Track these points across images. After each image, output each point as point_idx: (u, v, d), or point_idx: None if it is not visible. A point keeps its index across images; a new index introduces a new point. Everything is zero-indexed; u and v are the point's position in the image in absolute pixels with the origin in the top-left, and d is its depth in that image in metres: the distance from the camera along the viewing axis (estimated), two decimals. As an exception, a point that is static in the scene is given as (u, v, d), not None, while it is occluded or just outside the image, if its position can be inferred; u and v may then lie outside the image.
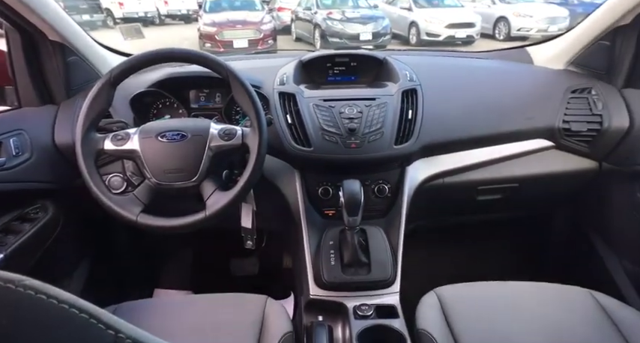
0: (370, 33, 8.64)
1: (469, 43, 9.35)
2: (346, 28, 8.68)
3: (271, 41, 8.30)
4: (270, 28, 8.41)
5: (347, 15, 9.07)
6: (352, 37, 8.61)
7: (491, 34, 10.17)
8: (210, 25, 8.05)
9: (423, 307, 0.97)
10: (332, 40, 8.62)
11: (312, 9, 9.57)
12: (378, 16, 9.09)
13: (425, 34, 9.33)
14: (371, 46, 8.73)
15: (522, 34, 9.57)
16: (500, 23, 10.06)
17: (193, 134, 0.90)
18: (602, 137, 1.13)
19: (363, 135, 1.01)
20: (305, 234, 1.05)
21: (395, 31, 9.43)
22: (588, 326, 0.89)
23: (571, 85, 1.17)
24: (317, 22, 9.09)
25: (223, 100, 1.17)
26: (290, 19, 11.19)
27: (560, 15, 9.67)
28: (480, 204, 1.24)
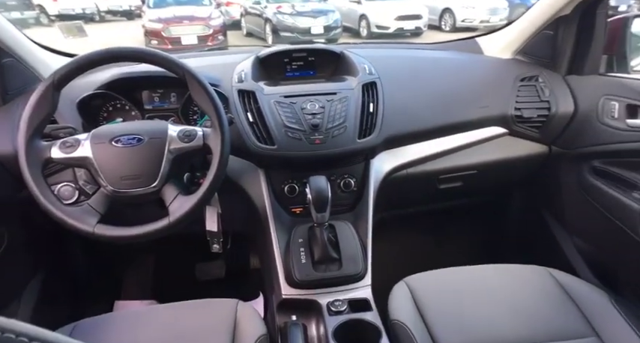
0: (321, 26, 8.65)
1: (418, 35, 9.60)
2: (297, 22, 8.64)
3: (221, 37, 8.08)
4: (220, 24, 8.18)
5: (297, 9, 9.01)
6: (304, 30, 8.58)
7: (437, 26, 10.48)
8: (155, 22, 7.71)
9: (394, 297, 0.99)
10: (284, 35, 8.54)
11: (262, 3, 9.43)
12: (328, 10, 9.12)
13: (375, 27, 9.47)
14: (323, 39, 8.74)
15: (467, 25, 9.94)
16: (446, 15, 10.40)
17: (151, 137, 0.86)
18: (550, 122, 1.19)
19: (327, 131, 1.01)
20: (273, 233, 1.03)
21: (345, 24, 9.50)
22: (548, 302, 0.95)
23: (520, 74, 1.23)
24: (267, 17, 8.97)
25: (179, 100, 1.13)
26: (239, 14, 10.98)
27: (500, 6, 10.14)
28: (442, 193, 1.27)
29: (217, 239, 1.06)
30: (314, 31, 8.63)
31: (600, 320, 0.89)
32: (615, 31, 1.14)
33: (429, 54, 1.36)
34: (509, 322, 0.90)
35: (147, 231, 0.84)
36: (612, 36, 1.15)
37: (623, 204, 1.05)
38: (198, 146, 0.88)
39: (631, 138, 1.03)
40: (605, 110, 1.10)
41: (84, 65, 0.84)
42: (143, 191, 0.85)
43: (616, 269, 1.15)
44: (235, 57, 1.22)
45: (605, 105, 1.10)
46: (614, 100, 1.07)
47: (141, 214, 0.90)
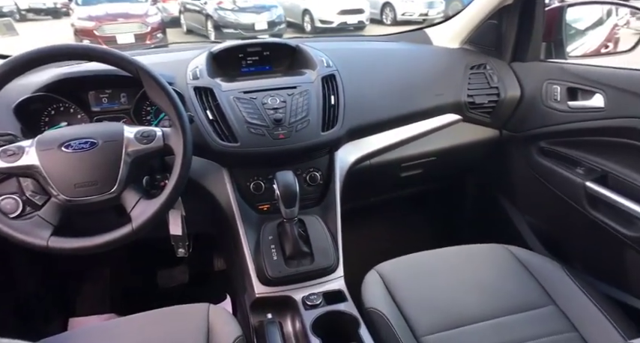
0: (265, 22, 8.55)
1: (361, 29, 9.74)
2: (240, 18, 8.47)
3: (160, 35, 7.74)
4: (158, 21, 7.84)
5: (239, 4, 8.83)
6: (247, 27, 8.43)
7: (379, 20, 10.71)
8: (86, 20, 7.26)
9: (367, 286, 1.00)
10: (227, 31, 8.34)
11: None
12: (271, 5, 9.01)
13: (319, 21, 9.49)
14: (267, 35, 8.65)
15: (407, 19, 10.24)
16: (387, 8, 10.64)
17: (105, 140, 0.81)
18: (500, 107, 1.25)
19: (290, 125, 1.00)
20: (242, 232, 1.00)
21: (289, 19, 9.45)
22: (509, 277, 1.00)
23: (469, 62, 1.28)
24: (208, 13, 8.71)
25: (131, 100, 1.06)
26: (178, 11, 10.58)
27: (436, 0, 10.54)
28: (404, 180, 1.30)
29: (182, 243, 1.02)
30: (258, 27, 8.51)
31: (556, 289, 0.96)
32: (552, 19, 1.22)
33: (382, 45, 1.38)
34: (475, 300, 0.95)
35: (109, 240, 0.79)
36: (550, 24, 1.23)
37: (569, 180, 1.13)
38: (159, 147, 0.84)
39: (573, 119, 1.11)
40: (548, 94, 1.17)
41: (25, 65, 0.77)
42: (101, 198, 0.80)
43: (565, 241, 1.24)
44: (186, 54, 1.17)
45: (548, 89, 1.17)
46: (556, 84, 1.15)
47: (96, 223, 0.85)
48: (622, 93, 0.99)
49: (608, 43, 1.37)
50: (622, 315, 0.89)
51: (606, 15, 1.35)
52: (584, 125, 1.08)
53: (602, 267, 1.11)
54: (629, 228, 0.99)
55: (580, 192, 1.09)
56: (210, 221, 1.26)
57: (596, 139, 1.07)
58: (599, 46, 1.36)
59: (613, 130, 1.01)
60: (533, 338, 0.86)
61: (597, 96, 1.05)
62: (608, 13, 1.34)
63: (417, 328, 0.89)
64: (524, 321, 0.90)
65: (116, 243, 0.79)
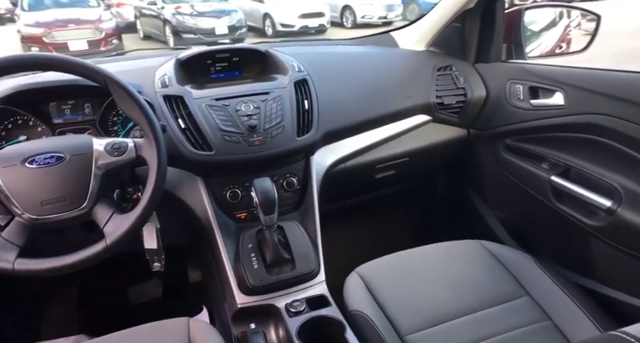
0: (226, 27, 8.44)
1: (322, 32, 9.83)
2: (200, 23, 8.33)
3: (116, 41, 7.46)
4: (112, 26, 7.55)
5: (197, 9, 8.68)
6: (207, 31, 8.30)
7: (339, 23, 10.84)
8: (33, 26, 6.88)
9: (349, 289, 1.01)
10: (186, 37, 8.18)
11: (158, 4, 8.91)
12: (231, 10, 8.92)
13: (280, 25, 9.50)
14: (228, 40, 8.54)
15: (366, 21, 10.43)
16: (346, 12, 10.80)
17: (73, 154, 0.77)
18: (467, 107, 1.29)
19: (265, 131, 0.98)
20: (220, 242, 0.98)
21: (250, 23, 9.38)
22: (484, 271, 1.03)
23: (436, 64, 1.31)
24: (166, 18, 8.51)
25: (96, 111, 1.02)
26: (133, 16, 10.28)
27: (394, 2, 10.80)
28: (379, 181, 1.32)
29: (158, 256, 0.98)
30: (218, 31, 8.40)
31: (528, 280, 1.00)
32: (511, 22, 1.28)
33: (350, 49, 1.39)
34: (454, 296, 0.97)
35: (82, 258, 0.75)
36: (509, 26, 1.28)
37: (535, 175, 1.18)
38: (131, 159, 0.81)
39: (536, 117, 1.16)
40: (511, 93, 1.22)
41: None
42: (70, 214, 0.76)
43: (534, 234, 1.29)
44: (152, 61, 1.14)
45: (511, 88, 1.22)
46: (519, 84, 1.20)
47: (64, 241, 0.81)
48: (580, 91, 1.04)
49: (561, 43, 1.45)
50: (590, 301, 0.94)
51: (559, 17, 1.42)
52: (547, 122, 1.13)
53: (569, 257, 1.17)
54: (592, 218, 1.05)
55: (546, 186, 1.15)
56: (184, 232, 1.22)
57: (558, 135, 1.12)
58: (554, 47, 1.43)
59: (573, 126, 1.07)
60: (511, 329, 0.89)
61: (557, 95, 1.10)
62: (560, 15, 1.41)
63: (401, 328, 0.90)
64: (501, 314, 0.93)
65: (90, 261, 0.76)
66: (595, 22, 1.26)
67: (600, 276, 1.08)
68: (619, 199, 0.97)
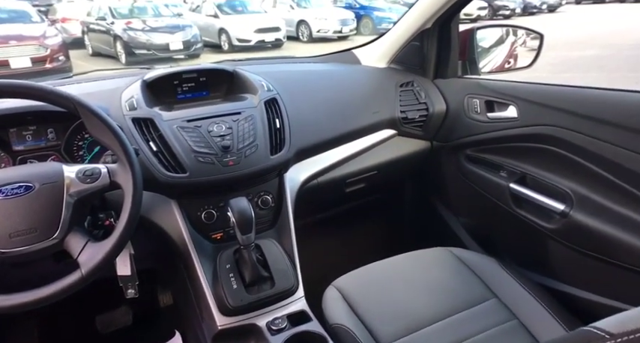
0: (180, 42, 8.34)
1: (278, 47, 9.92)
2: (153, 39, 8.18)
3: (63, 57, 7.10)
4: (59, 43, 7.18)
5: (150, 24, 8.52)
6: (161, 47, 8.17)
7: (295, 37, 11.00)
8: (-31, 44, 6.46)
9: (327, 303, 1.02)
10: (139, 52, 8.00)
11: (108, 19, 8.67)
12: (185, 25, 8.83)
13: (236, 40, 9.50)
14: (183, 55, 8.44)
15: (322, 35, 10.65)
16: (302, 26, 10.99)
17: (43, 183, 0.74)
18: (430, 121, 1.36)
19: (239, 151, 0.99)
20: (197, 264, 0.97)
21: (205, 38, 9.31)
22: (454, 277, 1.08)
23: (398, 80, 1.38)
24: (117, 34, 8.29)
25: (60, 136, 0.99)
26: (81, 31, 9.91)
27: (349, 17, 11.14)
28: (349, 195, 1.35)
29: (132, 283, 0.95)
30: (173, 47, 8.27)
31: (495, 283, 1.06)
32: (465, 40, 1.37)
33: (316, 67, 1.43)
34: (428, 302, 1.01)
35: (57, 290, 0.72)
36: (463, 44, 1.37)
37: (495, 183, 1.26)
38: (105, 185, 0.79)
39: (492, 128, 1.24)
40: (469, 107, 1.30)
41: None
42: (41, 245, 0.73)
43: (497, 238, 1.37)
44: (115, 82, 1.12)
45: (469, 102, 1.30)
46: (476, 98, 1.28)
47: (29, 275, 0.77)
48: (531, 105, 1.13)
49: (509, 59, 1.56)
50: (551, 299, 1.01)
51: (506, 35, 1.53)
52: (503, 133, 1.21)
53: (531, 258, 1.24)
54: (548, 221, 1.13)
55: (505, 193, 1.22)
56: (155, 256, 1.19)
57: (514, 145, 1.21)
58: (503, 62, 1.54)
59: (527, 137, 1.15)
60: (482, 330, 0.94)
61: (511, 108, 1.19)
62: (507, 33, 1.52)
63: (380, 337, 0.93)
64: (473, 317, 0.98)
65: (65, 292, 0.73)
66: (538, 40, 1.38)
67: (559, 275, 1.16)
68: (571, 203, 1.06)
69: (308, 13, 11.00)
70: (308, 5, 11.68)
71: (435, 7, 1.24)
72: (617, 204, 0.97)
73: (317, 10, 11.19)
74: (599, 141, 0.97)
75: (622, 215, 0.96)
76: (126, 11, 9.08)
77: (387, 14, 11.52)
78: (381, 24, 11.16)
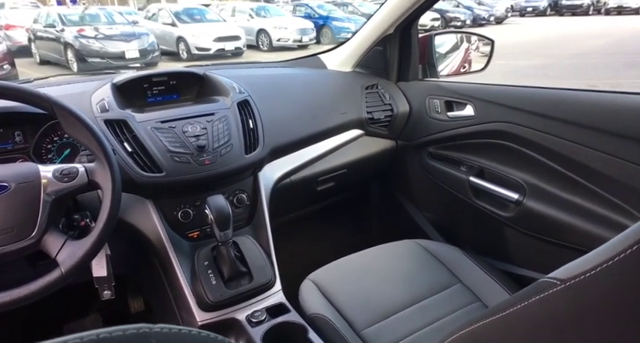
0: (136, 50, 8.13)
1: (239, 55, 9.88)
2: (108, 47, 7.92)
3: (7, 66, 6.72)
4: (2, 50, 6.80)
5: (103, 32, 8.26)
6: (116, 55, 7.92)
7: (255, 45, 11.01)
8: None
9: (304, 295, 1.06)
10: (92, 61, 7.73)
11: (57, 26, 8.32)
12: (141, 33, 8.62)
13: (195, 49, 9.38)
14: (139, 63, 8.23)
15: (282, 44, 10.73)
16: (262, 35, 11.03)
17: (19, 182, 0.73)
18: (394, 121, 1.44)
19: (215, 150, 1.01)
20: (175, 262, 0.98)
21: (162, 47, 9.13)
22: (422, 266, 1.15)
23: (364, 83, 1.45)
24: (67, 41, 7.97)
25: (28, 139, 0.97)
26: (27, 39, 9.45)
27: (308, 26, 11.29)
28: (320, 193, 1.40)
29: (109, 284, 0.94)
30: (129, 55, 8.05)
31: (460, 270, 1.13)
32: (424, 45, 1.46)
33: (284, 71, 1.47)
34: (399, 290, 1.07)
35: (35, 290, 0.71)
36: (423, 49, 1.46)
37: (456, 177, 1.34)
38: (82, 184, 0.79)
39: (452, 126, 1.33)
40: (430, 107, 1.39)
41: None
42: (18, 245, 0.72)
43: (459, 229, 1.46)
44: (83, 86, 1.11)
45: (430, 103, 1.39)
46: (436, 99, 1.37)
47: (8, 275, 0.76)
48: (486, 104, 1.23)
49: (464, 64, 1.67)
50: (510, 281, 1.10)
51: (460, 41, 1.65)
52: (462, 131, 1.31)
53: (490, 246, 1.34)
54: (505, 210, 1.22)
55: (465, 186, 1.31)
56: (127, 260, 1.18)
57: (472, 142, 1.30)
58: (459, 67, 1.65)
59: (483, 133, 1.25)
60: (449, 312, 1.01)
61: (468, 107, 1.28)
62: (462, 39, 1.64)
63: (357, 324, 0.97)
64: (440, 301, 1.04)
65: (44, 291, 0.72)
66: (490, 45, 1.49)
67: (516, 259, 1.26)
68: (524, 192, 1.16)
69: (267, 22, 11.06)
70: (267, 14, 11.77)
71: (397, 14, 1.32)
72: (564, 191, 1.08)
73: (276, 20, 11.28)
74: (547, 135, 1.08)
75: (569, 201, 1.07)
76: (77, 18, 8.76)
77: (346, 24, 11.81)
78: (340, 33, 11.43)
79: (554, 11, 21.93)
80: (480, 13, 17.28)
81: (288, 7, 14.78)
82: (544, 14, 21.67)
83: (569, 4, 21.40)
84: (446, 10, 15.85)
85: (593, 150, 0.98)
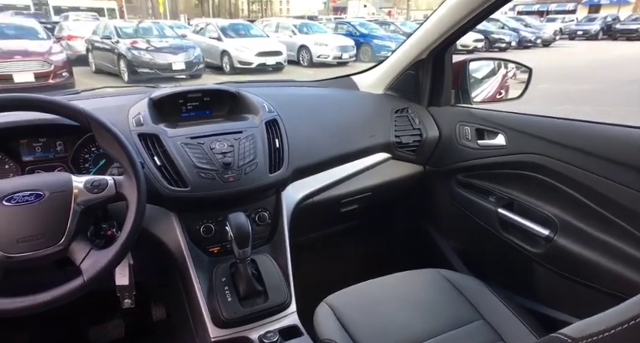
0: (183, 62, 8.51)
1: (279, 70, 10.12)
2: (157, 58, 8.34)
3: (66, 74, 7.23)
4: (63, 59, 7.32)
5: (154, 44, 8.71)
6: (164, 67, 8.32)
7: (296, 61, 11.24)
8: (-25, 57, 6.57)
9: (319, 318, 1.04)
10: (142, 71, 8.15)
11: (113, 38, 8.85)
12: (188, 46, 9.02)
13: (238, 62, 9.70)
14: (185, 75, 8.59)
15: (322, 61, 10.89)
16: (303, 51, 11.26)
17: (52, 192, 0.78)
18: (423, 146, 1.42)
19: (239, 168, 1.03)
20: (194, 276, 1.00)
21: (207, 60, 9.51)
22: (442, 298, 1.11)
23: (394, 106, 1.44)
24: (121, 52, 8.46)
25: (68, 149, 1.03)
26: (85, 49, 10.11)
27: (349, 44, 11.42)
28: (344, 215, 1.39)
29: (130, 293, 0.97)
30: (175, 67, 8.43)
31: (482, 305, 1.08)
32: (458, 71, 1.44)
33: (315, 91, 1.49)
34: (417, 321, 1.03)
35: (58, 295, 0.74)
36: (456, 75, 1.44)
37: (484, 207, 1.30)
38: (110, 195, 0.83)
39: (482, 155, 1.30)
40: (461, 134, 1.36)
41: None
42: (46, 252, 0.76)
43: (485, 261, 1.40)
44: (123, 99, 1.17)
45: (460, 130, 1.36)
46: (467, 126, 1.34)
47: (31, 280, 0.79)
48: (518, 134, 1.19)
49: (501, 90, 1.64)
50: (536, 322, 1.04)
51: (497, 67, 1.61)
52: (492, 160, 1.27)
53: (517, 281, 1.28)
54: (534, 245, 1.17)
55: (493, 218, 1.27)
56: (151, 269, 1.21)
57: (502, 172, 1.26)
58: (495, 93, 1.61)
59: (514, 164, 1.21)
60: None
61: (500, 136, 1.25)
62: (499, 65, 1.60)
63: None
64: (459, 337, 1.00)
65: (66, 298, 0.75)
66: (527, 73, 1.45)
67: (543, 298, 1.19)
68: (555, 228, 1.10)
69: (309, 39, 11.29)
70: (310, 31, 12.03)
71: (431, 39, 1.31)
72: (598, 230, 1.02)
73: (318, 36, 11.50)
74: (582, 171, 1.02)
75: (603, 241, 1.00)
76: (131, 31, 9.30)
77: (387, 43, 11.88)
78: (380, 52, 11.50)
79: (607, 35, 21.10)
80: (526, 35, 16.89)
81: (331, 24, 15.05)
82: (595, 38, 20.90)
83: (624, 29, 20.56)
84: (490, 31, 15.60)
85: (631, 190, 0.93)
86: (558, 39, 19.21)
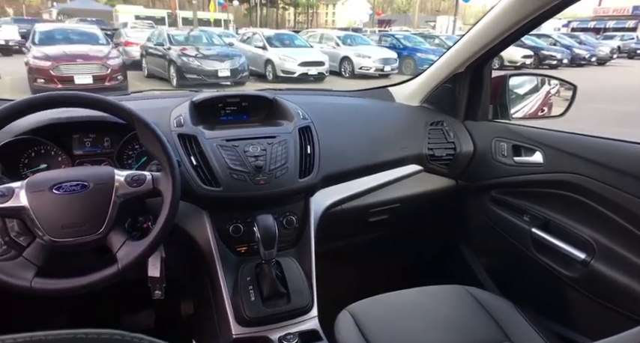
0: (228, 70, 8.79)
1: (321, 80, 10.25)
2: (204, 65, 8.68)
3: (121, 77, 7.71)
4: (119, 64, 7.81)
5: (203, 52, 9.08)
6: (210, 73, 8.63)
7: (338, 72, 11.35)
8: (42, 59, 7.08)
9: (339, 326, 1.05)
10: (189, 77, 8.50)
11: (165, 45, 9.31)
12: (234, 54, 9.33)
13: (281, 71, 9.92)
14: (229, 82, 8.87)
15: (364, 72, 10.93)
16: (345, 62, 11.35)
17: (96, 183, 0.84)
18: (456, 160, 1.40)
19: (270, 172, 1.07)
20: (220, 273, 1.03)
21: (252, 68, 9.78)
22: (468, 315, 1.08)
23: (428, 119, 1.43)
24: (171, 58, 8.88)
25: (114, 145, 1.10)
26: (139, 55, 10.68)
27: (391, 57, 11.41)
28: (372, 225, 1.39)
29: (160, 285, 1.02)
30: (221, 73, 8.74)
31: (510, 326, 1.05)
32: (497, 85, 1.41)
33: (350, 101, 1.51)
34: (439, 338, 1.01)
35: (94, 280, 0.80)
36: (495, 89, 1.42)
37: (517, 226, 1.26)
38: (148, 190, 0.88)
39: (518, 172, 1.27)
40: (497, 149, 1.33)
41: (22, 110, 0.81)
42: (87, 238, 0.82)
43: (516, 282, 1.36)
44: (167, 101, 1.23)
45: (496, 145, 1.34)
46: (503, 142, 1.31)
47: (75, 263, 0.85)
48: (557, 152, 1.15)
49: (544, 107, 1.59)
50: None
51: (540, 83, 1.57)
52: (528, 178, 1.23)
53: (548, 305, 1.22)
54: (569, 269, 1.12)
55: (527, 237, 1.22)
56: (183, 264, 1.26)
57: (538, 190, 1.22)
58: (537, 109, 1.56)
59: (551, 183, 1.17)
60: None
61: (537, 154, 1.21)
62: (542, 82, 1.56)
63: None
64: None
65: (101, 283, 0.80)
66: (572, 90, 1.41)
67: (576, 326, 1.13)
68: (592, 252, 1.05)
69: (352, 50, 11.38)
70: (353, 43, 12.13)
71: (469, 53, 1.30)
72: (639, 256, 0.96)
73: (361, 48, 11.57)
74: (623, 193, 0.98)
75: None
76: (182, 39, 9.76)
77: (430, 56, 11.75)
78: (423, 65, 11.38)
79: (671, 54, 19.87)
80: (580, 52, 16.17)
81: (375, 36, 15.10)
82: (658, 56, 19.72)
83: (689, 48, 19.29)
84: (540, 47, 15.07)
85: None
86: (616, 57, 18.25)
